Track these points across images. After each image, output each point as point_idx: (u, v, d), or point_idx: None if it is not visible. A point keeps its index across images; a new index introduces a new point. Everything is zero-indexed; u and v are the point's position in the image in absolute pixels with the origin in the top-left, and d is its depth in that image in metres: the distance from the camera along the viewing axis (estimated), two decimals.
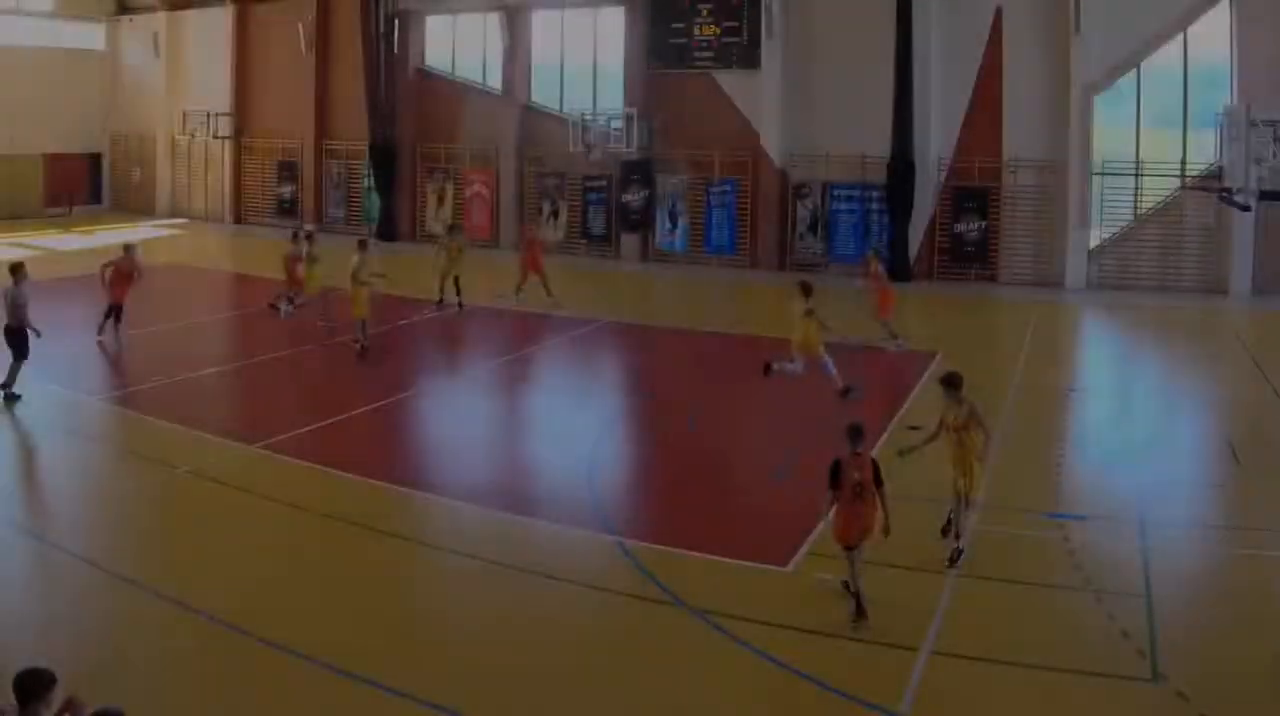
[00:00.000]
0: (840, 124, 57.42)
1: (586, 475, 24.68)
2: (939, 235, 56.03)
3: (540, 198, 65.39)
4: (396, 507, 22.90)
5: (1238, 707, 14.93)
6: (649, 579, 18.87)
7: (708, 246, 60.39)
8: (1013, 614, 17.83)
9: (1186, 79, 53.04)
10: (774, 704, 15.54)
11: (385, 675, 15.39)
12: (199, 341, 38.77)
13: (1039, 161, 54.36)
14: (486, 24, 66.92)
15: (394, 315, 42.90)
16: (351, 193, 72.22)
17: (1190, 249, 52.60)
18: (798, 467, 24.13)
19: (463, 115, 68.49)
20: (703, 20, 60.30)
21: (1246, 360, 37.86)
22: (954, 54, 55.30)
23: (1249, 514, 22.82)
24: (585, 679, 15.84)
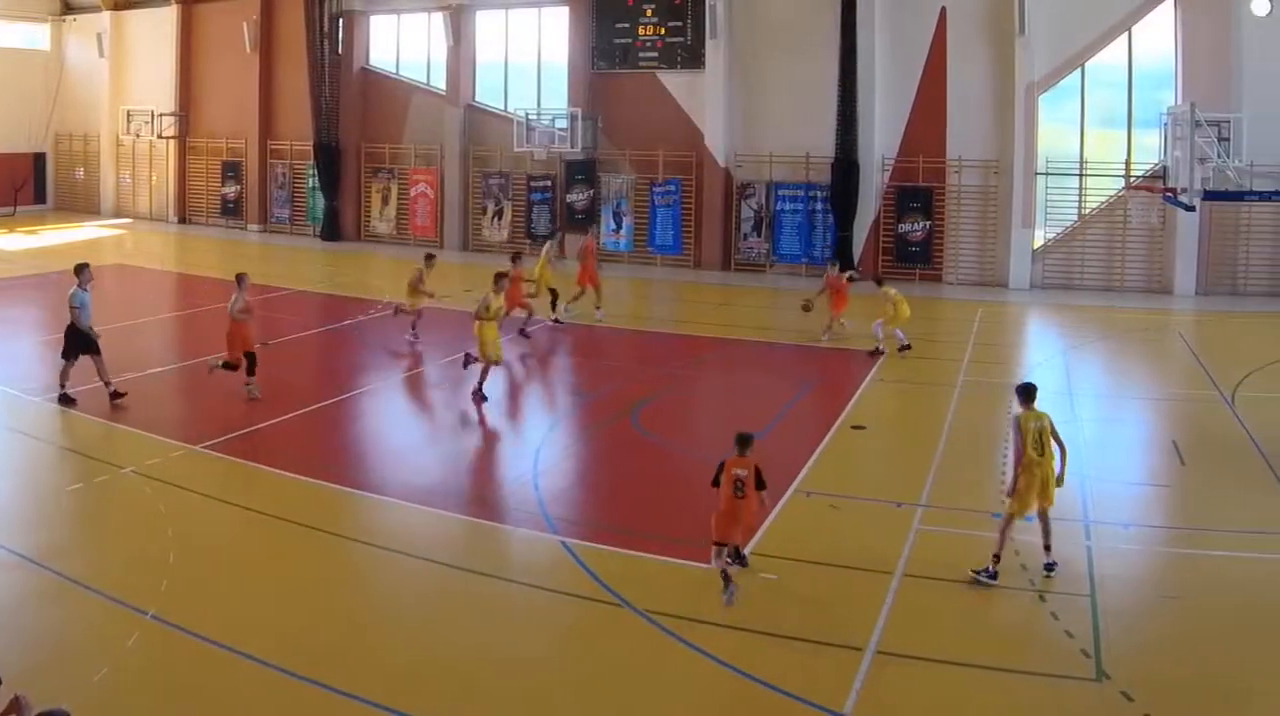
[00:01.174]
0: (785, 124, 56.57)
1: (531, 475, 24.18)
2: (883, 235, 55.03)
3: (485, 197, 64.66)
4: (343, 508, 22.32)
5: (1182, 707, 14.66)
6: (594, 579, 18.52)
7: (652, 246, 59.60)
8: (957, 614, 17.49)
9: (1131, 79, 52.18)
10: (719, 704, 15.24)
11: (334, 676, 15.06)
12: (143, 341, 37.62)
13: (983, 161, 53.47)
14: (430, 23, 66.05)
15: (343, 314, 42.46)
16: (296, 193, 70.98)
17: (1135, 249, 51.88)
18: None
19: (407, 115, 67.23)
20: (647, 20, 59.48)
21: (1191, 360, 37.40)
22: (898, 54, 54.28)
23: (1194, 514, 22.51)
24: (532, 679, 15.55)
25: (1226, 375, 33.50)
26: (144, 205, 77.80)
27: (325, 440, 27.52)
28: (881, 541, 20.04)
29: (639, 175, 59.96)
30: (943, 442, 26.92)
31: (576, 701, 14.94)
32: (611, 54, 60.39)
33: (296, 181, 70.59)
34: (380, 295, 45.84)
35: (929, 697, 15.06)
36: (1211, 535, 20.77)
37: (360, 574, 19.42)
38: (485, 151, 64.25)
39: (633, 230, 60.32)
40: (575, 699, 15.00)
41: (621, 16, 59.85)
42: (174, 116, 74.29)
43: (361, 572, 19.48)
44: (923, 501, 22.35)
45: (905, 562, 19.23)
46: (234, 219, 72.85)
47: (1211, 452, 26.30)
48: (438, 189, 65.38)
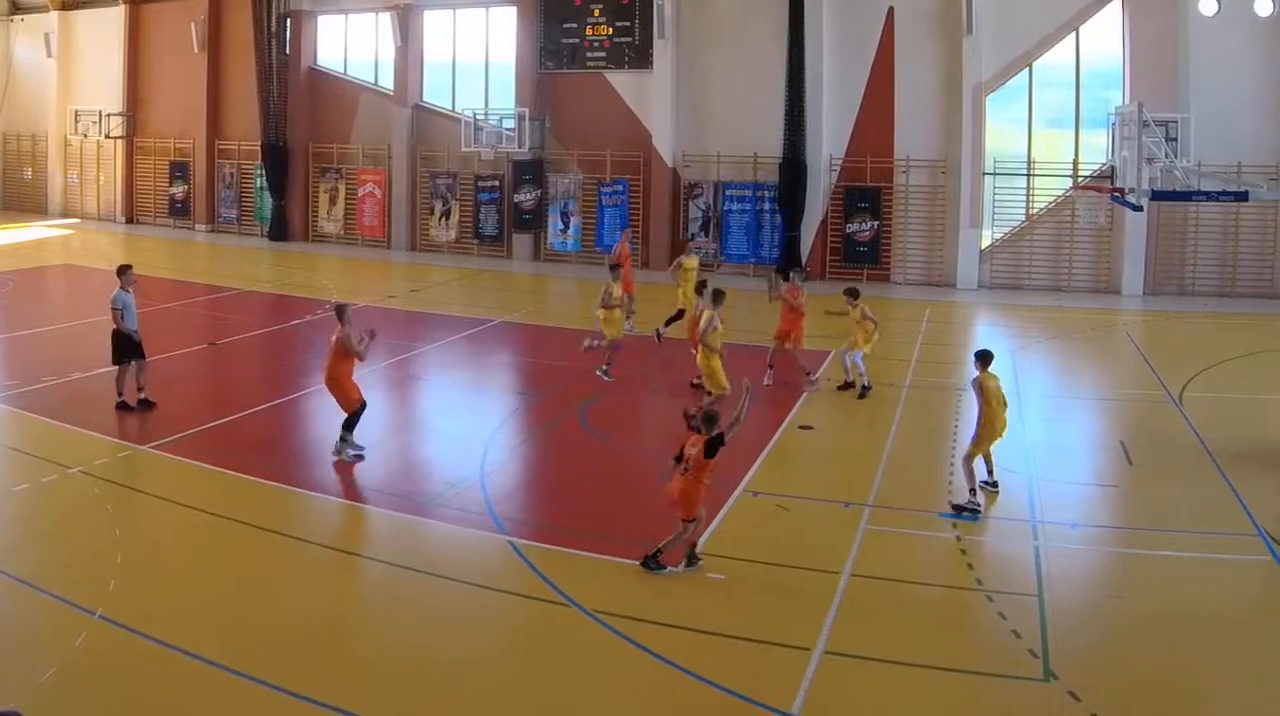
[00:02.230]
0: (732, 124, 55.77)
1: (479, 475, 23.68)
2: (831, 235, 54.25)
3: (432, 197, 63.63)
4: (291, 508, 21.85)
5: (1129, 707, 14.46)
6: (542, 579, 18.17)
7: (600, 246, 57.83)
8: (905, 613, 17.19)
9: (1078, 79, 51.55)
10: (666, 704, 14.86)
11: (282, 676, 14.71)
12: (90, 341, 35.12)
13: (931, 161, 52.67)
14: (378, 23, 65.11)
15: (290, 315, 41.86)
16: (243, 193, 69.76)
17: (1082, 249, 51.26)
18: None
19: (355, 115, 66.00)
20: (595, 20, 58.54)
21: (1139, 360, 37.10)
22: (846, 54, 53.39)
23: (1141, 514, 22.16)
24: (479, 679, 15.21)
25: (1174, 375, 33.20)
26: (91, 205, 76.08)
27: (273, 440, 26.87)
28: (829, 541, 19.73)
29: (586, 175, 58.97)
30: (890, 442, 26.51)
31: (524, 701, 14.67)
32: (559, 54, 59.48)
33: (244, 181, 69.38)
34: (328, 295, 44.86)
35: (877, 697, 14.79)
36: (1159, 535, 20.49)
37: (308, 574, 18.93)
38: (433, 151, 63.24)
39: (580, 230, 59.33)
40: (523, 699, 14.73)
41: (569, 16, 58.91)
42: (122, 116, 72.71)
43: (309, 573, 18.99)
44: (870, 501, 21.97)
45: (853, 562, 18.93)
46: (182, 219, 71.57)
47: (1159, 453, 25.96)
48: (385, 189, 64.29)
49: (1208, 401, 30.49)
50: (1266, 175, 46.81)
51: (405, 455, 26.16)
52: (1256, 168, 46.80)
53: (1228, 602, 17.84)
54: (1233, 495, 22.55)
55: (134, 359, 27.94)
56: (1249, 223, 49.00)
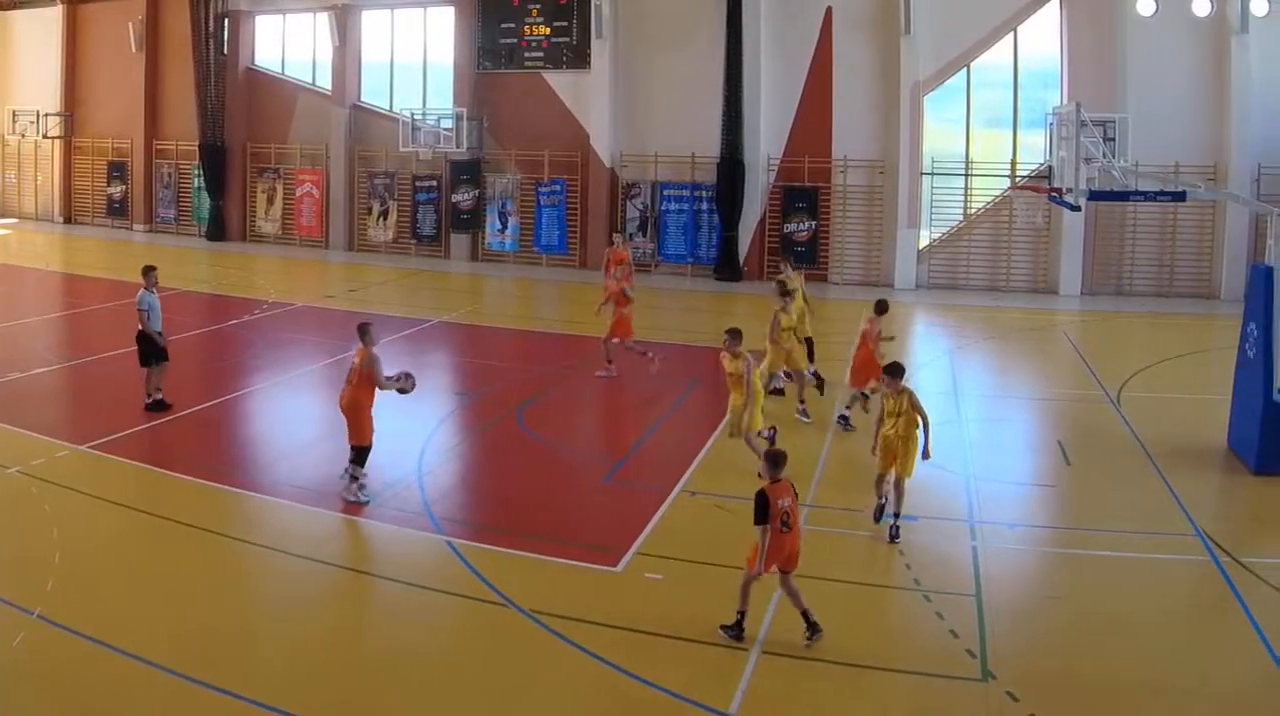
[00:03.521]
0: (670, 124, 54.72)
1: (416, 475, 23.41)
2: (768, 235, 53.31)
3: (370, 197, 62.25)
4: (229, 509, 21.49)
5: (1067, 707, 14.32)
6: (479, 579, 17.95)
7: (538, 246, 57.53)
8: (843, 614, 16.74)
9: (1016, 79, 50.75)
10: (605, 704, 14.56)
11: (220, 676, 14.49)
12: (28, 341, 36.33)
13: (869, 161, 51.74)
14: (316, 23, 63.62)
15: (228, 314, 41.28)
16: (181, 193, 68.00)
17: (1020, 249, 50.51)
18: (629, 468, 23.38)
19: (293, 115, 64.45)
20: (533, 20, 57.40)
21: (1076, 360, 36.75)
22: (784, 53, 52.50)
23: (1079, 514, 22.14)
24: (416, 678, 14.93)
25: (1111, 375, 32.92)
26: (29, 205, 73.89)
27: (211, 440, 26.45)
28: None
29: (524, 175, 57.86)
30: (828, 443, 26.18)
31: (461, 700, 14.48)
32: (497, 54, 58.42)
33: (182, 181, 67.69)
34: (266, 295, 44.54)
35: (815, 697, 14.56)
36: (1096, 535, 20.36)
37: (246, 574, 18.66)
38: (371, 151, 61.87)
39: (518, 230, 58.31)
40: (460, 698, 14.53)
41: (507, 16, 57.85)
42: (60, 116, 70.66)
43: (247, 572, 18.72)
44: (808, 501, 21.42)
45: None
46: (120, 219, 69.64)
47: (1097, 453, 25.74)
48: (323, 189, 62.87)
49: (1145, 401, 30.28)
50: (1204, 175, 46.20)
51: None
52: (1194, 167, 46.26)
53: (1166, 602, 17.74)
54: (1170, 495, 22.39)
55: (160, 361, 27.59)
56: (1186, 223, 48.47)
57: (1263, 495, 22.76)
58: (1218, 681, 14.94)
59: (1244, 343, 25.10)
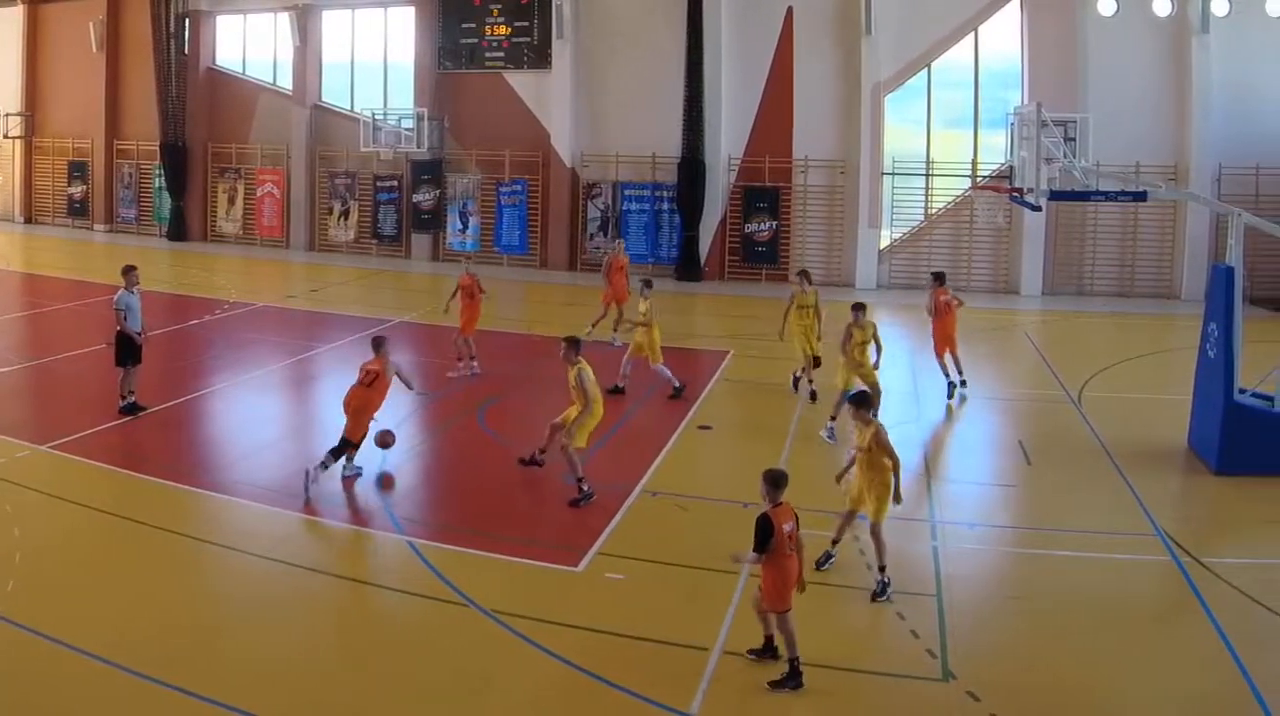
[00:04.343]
0: (631, 124, 54.12)
1: (377, 474, 23.11)
2: (730, 235, 52.69)
3: (331, 197, 61.43)
4: (190, 508, 21.16)
5: (1027, 707, 14.23)
6: (440, 579, 17.75)
7: (499, 246, 56.93)
8: (803, 614, 15.67)
9: (977, 79, 50.29)
10: (566, 704, 14.42)
11: (180, 676, 14.29)
12: None
13: (830, 161, 51.25)
14: (277, 23, 62.68)
15: (189, 314, 40.53)
16: (142, 193, 66.95)
17: (981, 249, 50.10)
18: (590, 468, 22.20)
19: (254, 115, 63.47)
20: (493, 20, 56.69)
21: (1037, 360, 36.60)
22: (745, 53, 51.93)
23: (1039, 514, 21.98)
24: (377, 678, 14.74)
25: (1072, 375, 32.80)
26: None
27: (172, 440, 25.90)
28: (728, 541, 18.12)
29: (485, 175, 57.20)
30: (789, 443, 25.92)
31: (422, 700, 14.26)
32: (458, 54, 57.67)
33: (143, 181, 66.70)
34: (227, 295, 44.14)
35: (775, 698, 14.32)
36: (1057, 535, 20.22)
37: (207, 574, 18.40)
38: (332, 151, 61.08)
39: (479, 230, 57.61)
40: (420, 698, 14.31)
41: (468, 16, 57.12)
42: (20, 116, 69.68)
43: (208, 572, 18.47)
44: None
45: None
46: (80, 219, 68.52)
47: (1058, 453, 25.51)
48: (284, 189, 62.02)
49: (1106, 401, 30.15)
50: (1165, 175, 45.98)
51: (303, 455, 24.74)
52: (1155, 167, 45.97)
53: (1126, 602, 17.53)
54: (1131, 495, 22.29)
55: (136, 362, 27.16)
56: (1147, 223, 48.22)
57: (1223, 495, 22.66)
58: (1179, 681, 14.89)
59: (1205, 342, 24.91)
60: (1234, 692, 14.49)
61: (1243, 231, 24.37)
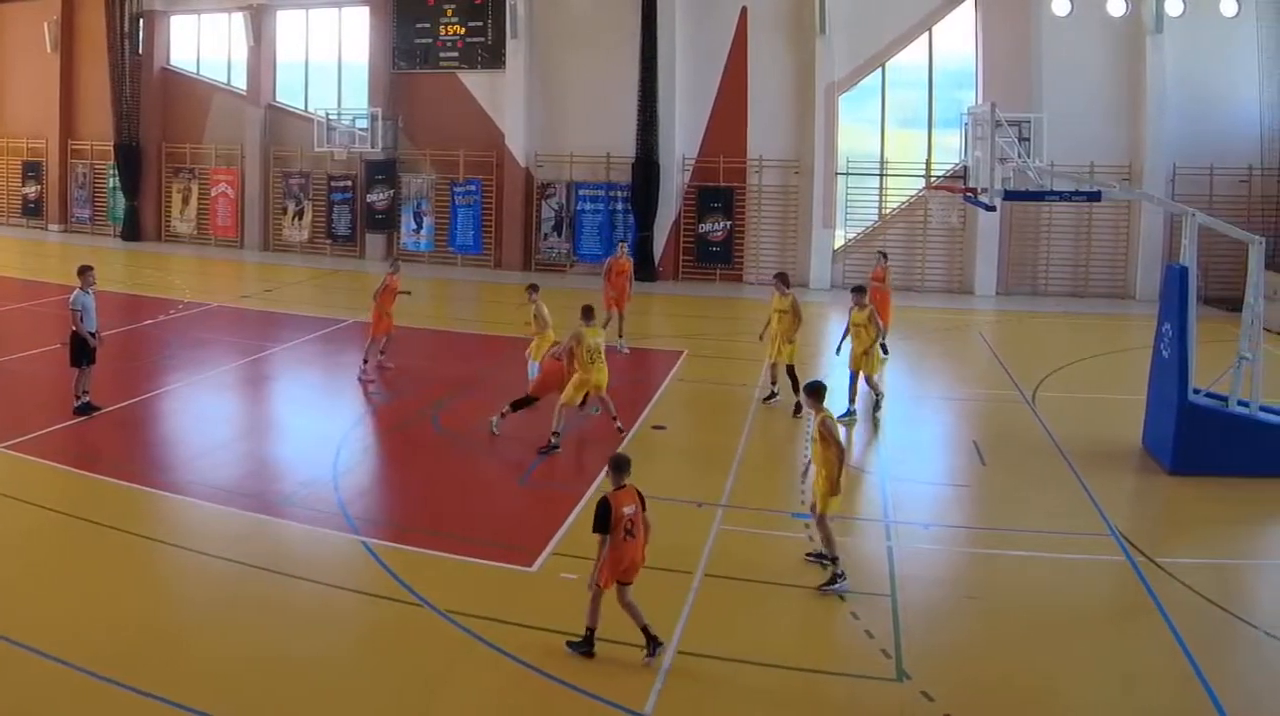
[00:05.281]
0: (586, 124, 53.29)
1: (332, 475, 22.87)
2: (684, 235, 51.91)
3: (285, 197, 60.17)
4: (144, 508, 20.88)
5: (982, 707, 14.22)
6: (395, 579, 17.63)
7: (453, 246, 55.93)
8: (758, 613, 16.85)
9: (931, 79, 49.67)
10: (519, 704, 14.39)
11: (134, 676, 14.11)
12: None
13: (784, 161, 50.56)
14: (231, 23, 61.41)
15: (143, 314, 39.97)
16: (97, 193, 65.47)
17: (935, 249, 49.54)
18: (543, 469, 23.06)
19: (208, 115, 62.12)
20: (448, 20, 55.66)
21: (992, 360, 36.27)
22: (699, 53, 51.19)
23: (994, 514, 21.95)
24: (331, 679, 14.67)
25: (1027, 375, 32.56)
26: None
27: (126, 440, 25.68)
28: (683, 541, 19.11)
29: (440, 175, 56.12)
30: (743, 443, 25.73)
31: (376, 700, 14.14)
32: (412, 54, 56.61)
33: (97, 181, 64.96)
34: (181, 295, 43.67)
35: (729, 698, 14.40)
36: (1011, 535, 20.22)
37: (161, 574, 18.23)
38: (286, 151, 59.68)
39: (433, 230, 56.56)
40: (375, 698, 14.18)
41: (422, 16, 56.05)
42: None
43: (162, 573, 18.29)
44: (723, 501, 21.37)
45: (706, 562, 18.49)
46: (34, 219, 66.97)
47: (1012, 453, 25.44)
48: (238, 189, 60.60)
49: (1061, 401, 30.01)
50: (1119, 175, 45.47)
51: (258, 455, 25.24)
52: (1109, 167, 45.49)
53: (1081, 602, 17.56)
54: (1086, 495, 22.23)
55: (90, 362, 26.81)
56: (1101, 223, 47.76)
57: (1178, 495, 22.60)
58: (1133, 681, 14.88)
59: (1159, 342, 24.74)
60: (1188, 692, 14.44)
61: (1197, 231, 24.14)
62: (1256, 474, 23.01)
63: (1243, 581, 18.70)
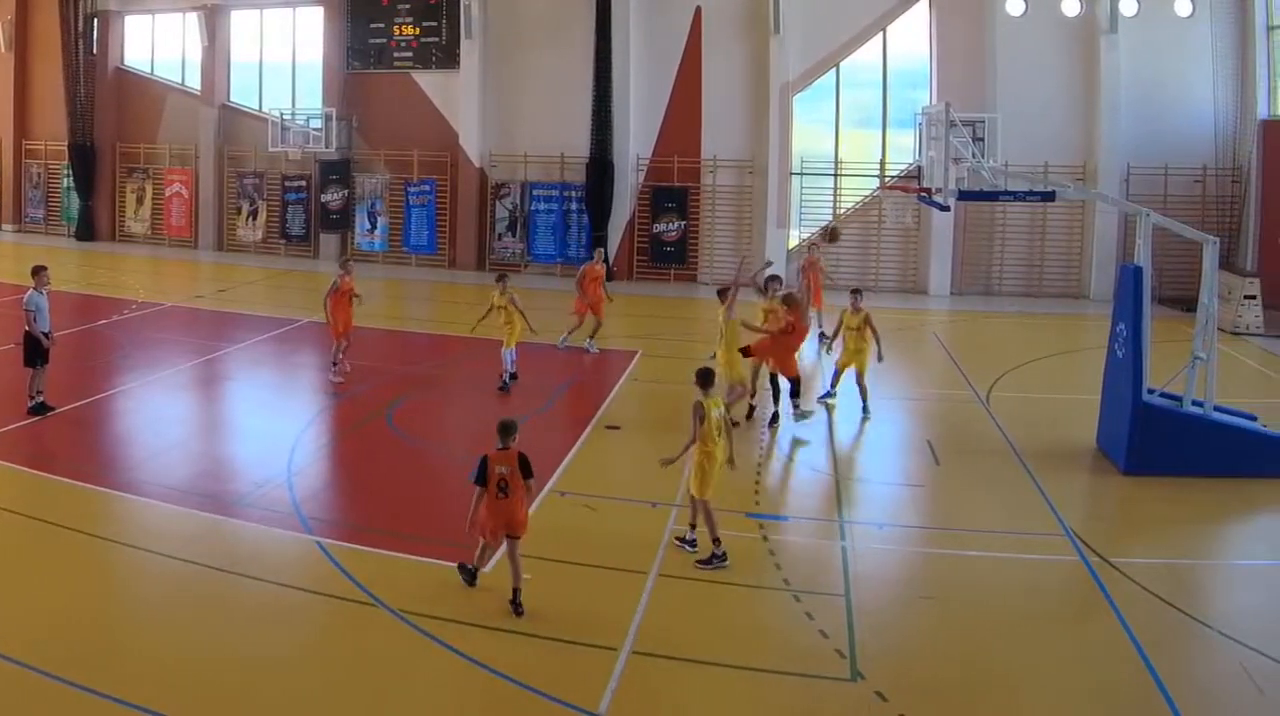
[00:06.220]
0: (540, 124, 52.44)
1: (285, 475, 22.61)
2: (638, 235, 51.15)
3: (239, 197, 59.00)
4: (97, 508, 20.59)
5: (936, 707, 14.11)
6: (349, 579, 17.45)
7: (407, 246, 54.86)
8: (713, 613, 16.74)
9: (885, 79, 49.02)
10: (473, 704, 14.32)
11: (87, 676, 13.95)
12: None
13: (738, 161, 49.81)
14: (185, 23, 60.09)
15: (97, 314, 39.36)
16: (51, 192, 64.21)
17: (889, 249, 48.87)
18: None
19: (162, 115, 60.92)
20: (402, 20, 54.65)
21: (946, 360, 35.95)
22: (654, 53, 50.44)
23: (948, 514, 21.78)
24: (285, 678, 14.48)
25: (981, 375, 32.30)
26: None
27: (80, 440, 25.30)
28: (637, 541, 19.25)
29: (394, 175, 54.97)
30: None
31: (330, 701, 14.04)
32: (366, 54, 55.54)
33: (51, 181, 63.74)
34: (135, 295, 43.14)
35: (684, 697, 14.38)
36: (966, 535, 20.09)
37: (115, 574, 17.97)
38: (240, 151, 58.26)
39: (388, 230, 55.44)
40: (329, 698, 14.09)
41: (376, 16, 54.99)
42: None
43: (115, 572, 18.02)
44: (678, 501, 20.97)
45: (660, 562, 18.38)
46: None
47: (966, 453, 25.24)
48: (192, 189, 59.15)
49: (1015, 401, 29.80)
50: (1073, 175, 45.00)
51: (211, 455, 24.94)
52: (1063, 167, 45.02)
53: (1035, 602, 17.44)
54: (1040, 495, 22.12)
55: (44, 362, 26.52)
56: (1055, 223, 47.20)
57: (1132, 495, 22.50)
58: (1087, 680, 14.72)
59: (1113, 342, 24.66)
60: (1142, 690, 14.39)
61: (1151, 231, 24.00)
62: (1210, 474, 22.85)
63: (1196, 581, 18.55)
